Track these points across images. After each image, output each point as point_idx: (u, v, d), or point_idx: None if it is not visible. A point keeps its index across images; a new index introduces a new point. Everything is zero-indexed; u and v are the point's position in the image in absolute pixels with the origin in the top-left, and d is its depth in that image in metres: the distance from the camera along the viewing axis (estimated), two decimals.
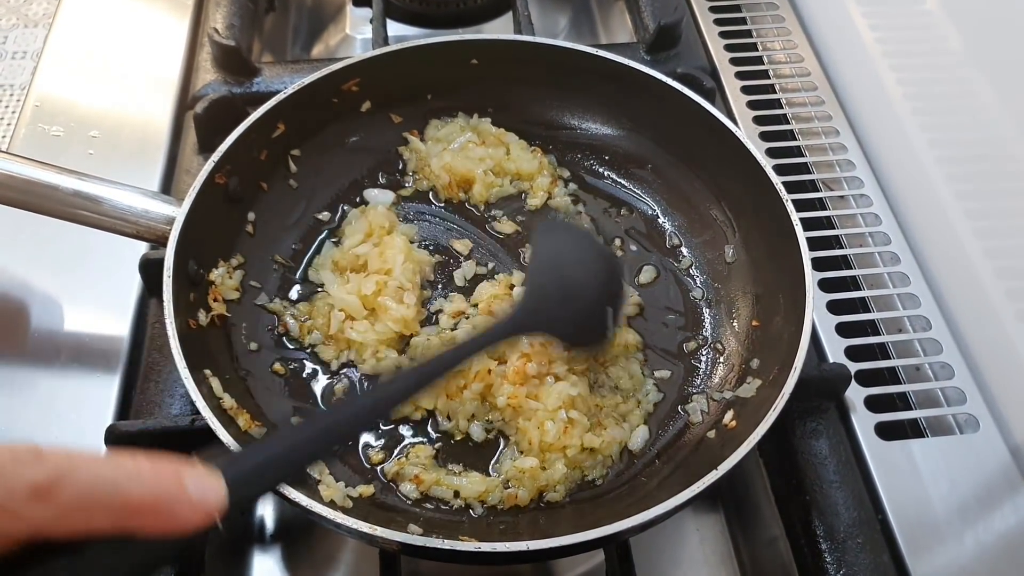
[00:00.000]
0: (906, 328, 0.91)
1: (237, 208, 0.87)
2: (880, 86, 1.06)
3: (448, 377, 0.72)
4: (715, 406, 0.82)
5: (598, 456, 0.78)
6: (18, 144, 1.01)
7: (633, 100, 0.96)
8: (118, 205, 0.79)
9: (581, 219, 0.96)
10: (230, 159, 0.83)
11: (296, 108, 0.88)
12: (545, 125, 1.00)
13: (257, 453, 0.59)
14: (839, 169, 1.05)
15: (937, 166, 0.96)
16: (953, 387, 0.86)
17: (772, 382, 0.76)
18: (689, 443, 0.80)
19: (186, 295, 0.77)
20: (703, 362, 0.86)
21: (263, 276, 0.87)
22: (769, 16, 1.21)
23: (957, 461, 0.81)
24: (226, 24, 1.11)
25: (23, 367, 0.85)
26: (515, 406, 0.78)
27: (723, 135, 0.88)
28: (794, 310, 0.77)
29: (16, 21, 2.87)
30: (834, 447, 0.81)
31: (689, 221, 0.95)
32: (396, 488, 0.77)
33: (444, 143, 0.98)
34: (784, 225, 0.82)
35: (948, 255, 0.94)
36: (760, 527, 0.87)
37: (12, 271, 0.91)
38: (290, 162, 0.92)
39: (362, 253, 0.88)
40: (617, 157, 0.99)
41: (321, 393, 0.82)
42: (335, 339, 0.84)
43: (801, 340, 0.73)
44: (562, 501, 0.76)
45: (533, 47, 0.95)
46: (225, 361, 0.79)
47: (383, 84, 0.94)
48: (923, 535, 0.76)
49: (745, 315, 0.87)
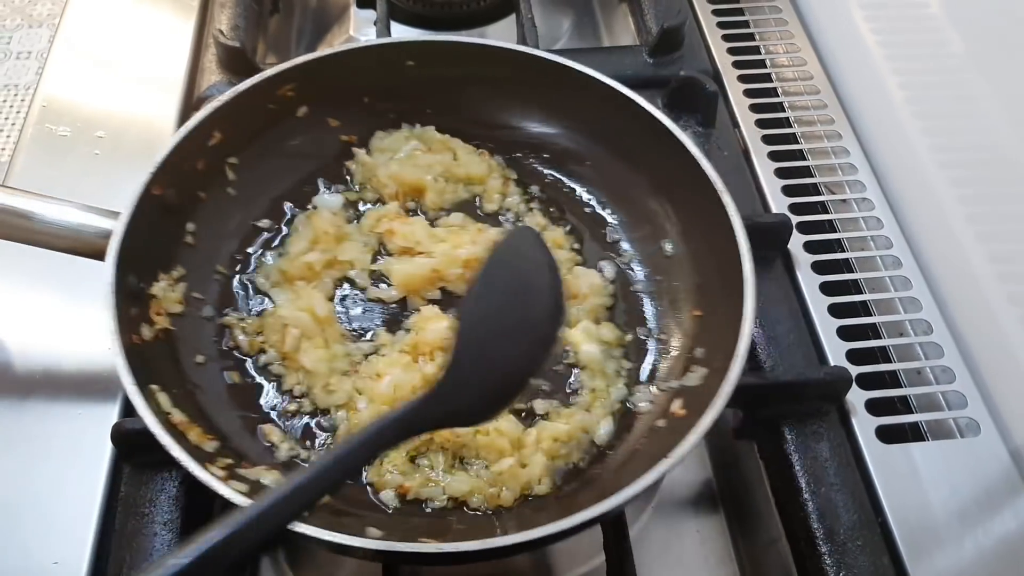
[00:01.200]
0: (907, 332, 0.91)
1: (175, 219, 0.85)
2: (883, 90, 1.06)
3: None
4: (662, 396, 0.82)
5: (571, 441, 0.78)
6: (25, 144, 1.01)
7: (566, 96, 0.95)
8: (50, 220, 0.77)
9: (533, 218, 0.96)
10: (167, 170, 0.81)
11: (232, 115, 0.87)
12: (485, 125, 1.00)
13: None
14: (841, 173, 1.05)
15: (939, 170, 0.97)
16: (954, 391, 0.86)
17: (717, 370, 0.76)
18: (638, 433, 0.80)
19: (128, 310, 0.75)
20: (648, 352, 0.87)
21: (206, 287, 0.86)
22: (772, 19, 1.22)
23: (958, 465, 0.81)
24: (231, 25, 1.12)
25: (24, 363, 0.85)
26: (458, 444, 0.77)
27: (653, 126, 0.88)
28: (734, 297, 0.77)
29: (20, 21, 2.88)
30: (835, 450, 0.81)
31: (629, 216, 0.95)
32: (372, 493, 0.76)
33: (390, 152, 0.98)
34: (719, 212, 0.81)
35: (949, 259, 0.94)
36: (760, 529, 0.87)
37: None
38: (228, 170, 0.90)
39: (311, 261, 0.87)
40: (556, 154, 0.99)
41: (270, 405, 0.81)
42: (289, 358, 0.82)
43: (743, 326, 0.73)
44: (551, 493, 0.76)
45: (464, 47, 0.95)
46: (172, 375, 0.77)
47: (318, 89, 0.93)
48: (923, 538, 0.77)
49: (687, 305, 0.87)
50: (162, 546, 0.73)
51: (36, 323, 0.88)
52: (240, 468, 0.72)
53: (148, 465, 0.77)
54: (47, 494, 0.77)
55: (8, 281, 0.91)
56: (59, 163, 1.00)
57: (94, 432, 0.80)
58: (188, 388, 0.78)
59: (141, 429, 0.75)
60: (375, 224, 0.93)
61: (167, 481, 0.76)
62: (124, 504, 0.76)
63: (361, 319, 0.88)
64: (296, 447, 0.78)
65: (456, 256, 0.88)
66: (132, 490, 0.76)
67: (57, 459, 0.79)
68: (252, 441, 0.78)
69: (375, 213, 0.95)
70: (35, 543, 0.74)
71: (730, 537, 0.90)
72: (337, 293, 0.89)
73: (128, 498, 0.76)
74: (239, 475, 0.71)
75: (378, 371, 0.81)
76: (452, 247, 0.89)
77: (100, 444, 0.79)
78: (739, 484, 0.92)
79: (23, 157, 1.01)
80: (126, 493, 0.76)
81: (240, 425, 0.79)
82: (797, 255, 0.96)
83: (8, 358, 0.85)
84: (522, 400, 0.82)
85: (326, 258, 0.89)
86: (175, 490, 0.76)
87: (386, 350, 0.84)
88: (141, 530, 0.74)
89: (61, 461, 0.79)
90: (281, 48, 1.30)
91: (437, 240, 0.91)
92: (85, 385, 0.83)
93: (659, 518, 0.90)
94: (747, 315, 0.74)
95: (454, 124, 1.00)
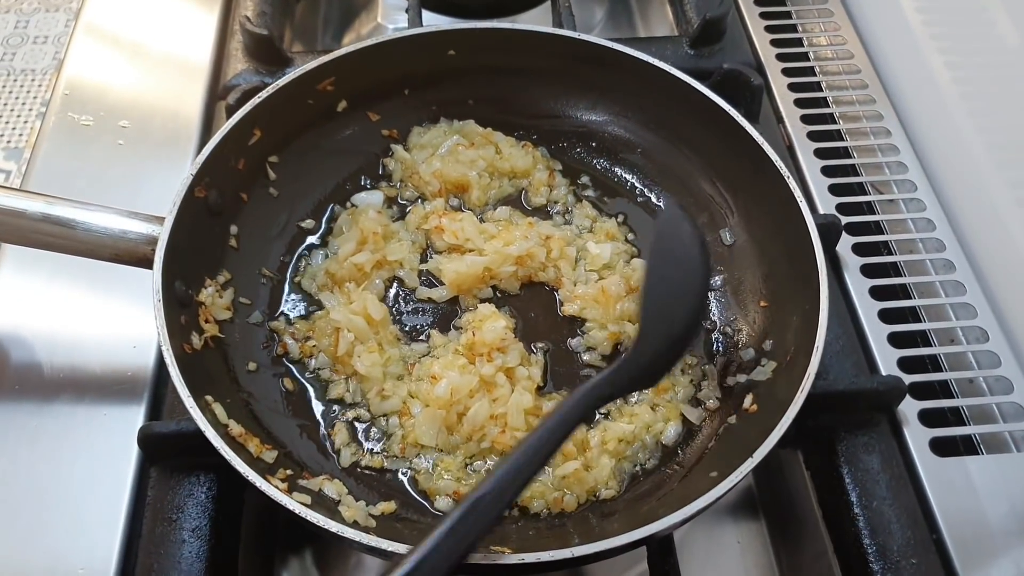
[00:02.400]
0: (959, 339, 0.88)
1: (219, 222, 0.83)
2: (934, 85, 1.01)
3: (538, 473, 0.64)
4: (730, 392, 0.80)
5: (636, 442, 0.77)
6: (47, 132, 0.99)
7: (616, 83, 0.93)
8: (92, 228, 0.74)
9: (583, 209, 0.93)
10: (209, 170, 0.79)
11: (272, 112, 0.85)
12: (528, 115, 0.97)
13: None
14: (889, 171, 1.01)
15: (995, 171, 0.93)
16: (1010, 402, 0.83)
17: (789, 364, 0.74)
18: (708, 432, 0.78)
19: (177, 318, 0.73)
20: (713, 348, 0.84)
21: (252, 292, 0.84)
22: (816, 10, 1.17)
23: (1016, 480, 0.78)
24: (257, 12, 1.08)
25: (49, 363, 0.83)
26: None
27: (713, 111, 0.86)
28: (805, 285, 0.74)
29: (38, 5, 2.86)
30: (886, 462, 0.78)
31: (685, 204, 0.92)
32: (430, 504, 0.74)
33: (430, 149, 0.95)
34: (784, 195, 0.79)
35: (1006, 263, 0.90)
36: (805, 541, 0.84)
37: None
38: (269, 169, 0.88)
39: (360, 262, 0.85)
40: (605, 143, 0.97)
41: (324, 412, 0.80)
42: (342, 362, 0.80)
43: (820, 317, 0.71)
44: (616, 497, 0.74)
45: (509, 34, 0.92)
46: (225, 384, 0.76)
47: (358, 82, 0.91)
48: (980, 557, 0.74)
49: (753, 297, 0.85)
50: (190, 554, 0.71)
51: (61, 322, 0.85)
52: (301, 479, 0.70)
53: (176, 469, 0.75)
54: (73, 497, 0.75)
55: (32, 279, 0.88)
56: (82, 153, 0.98)
57: (120, 433, 0.78)
58: (242, 397, 0.76)
59: (169, 432, 0.74)
60: (422, 221, 0.91)
61: (195, 486, 0.74)
62: (152, 509, 0.73)
63: (412, 319, 0.86)
64: (357, 453, 0.77)
65: (508, 254, 0.85)
66: (159, 495, 0.74)
67: (83, 461, 0.77)
68: (311, 449, 0.76)
69: (420, 210, 0.92)
70: (62, 548, 0.72)
71: (772, 548, 0.87)
72: (388, 294, 0.87)
73: (155, 503, 0.74)
74: (301, 486, 0.69)
75: (433, 374, 0.78)
76: (503, 244, 0.86)
77: (126, 446, 0.77)
78: (782, 494, 0.89)
79: (45, 145, 0.98)
80: (153, 498, 0.74)
81: (297, 434, 0.77)
82: (846, 257, 0.92)
83: (33, 357, 0.82)
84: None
85: (375, 259, 0.86)
86: (203, 496, 0.73)
87: (440, 351, 0.82)
88: (169, 536, 0.72)
89: (87, 463, 0.76)
90: (307, 35, 1.27)
91: (487, 237, 0.88)
92: (110, 386, 0.81)
93: (699, 527, 0.87)
94: (823, 304, 0.72)
95: (495, 115, 0.97)
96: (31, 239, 0.75)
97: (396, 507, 0.73)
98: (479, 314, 0.83)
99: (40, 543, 0.72)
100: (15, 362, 0.82)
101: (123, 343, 0.84)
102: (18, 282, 0.88)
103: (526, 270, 0.87)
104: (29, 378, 0.81)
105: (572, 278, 0.88)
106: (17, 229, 0.74)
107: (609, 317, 0.85)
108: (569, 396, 0.65)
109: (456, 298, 0.87)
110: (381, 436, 0.78)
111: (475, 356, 0.79)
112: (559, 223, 0.93)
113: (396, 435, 0.77)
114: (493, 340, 0.79)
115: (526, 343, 0.84)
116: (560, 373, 0.83)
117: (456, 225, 0.88)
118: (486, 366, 0.78)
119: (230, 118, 0.83)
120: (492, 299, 0.87)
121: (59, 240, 0.75)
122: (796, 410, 0.67)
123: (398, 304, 0.87)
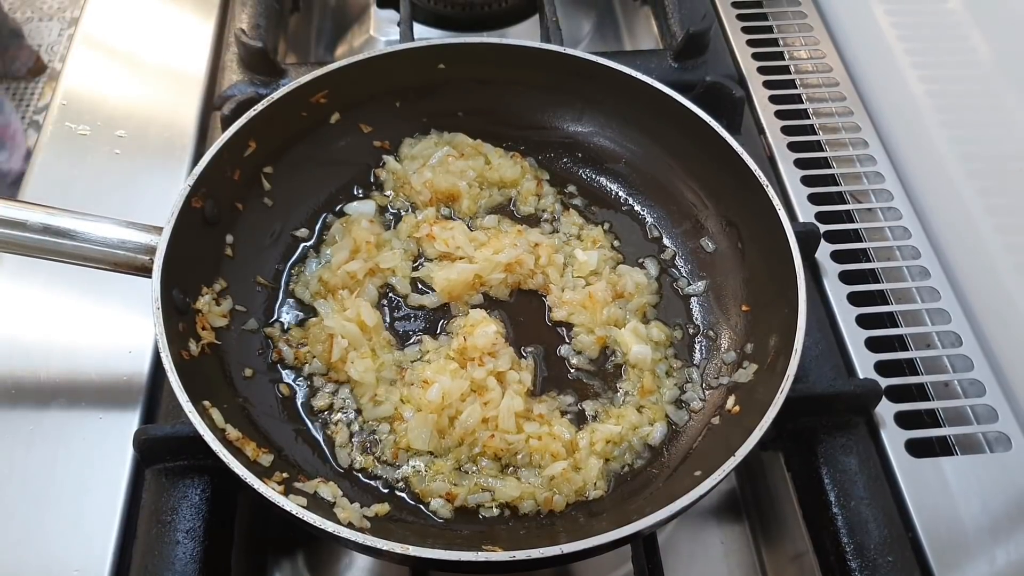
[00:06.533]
0: (935, 344, 0.90)
1: (215, 231, 0.85)
2: (909, 96, 1.05)
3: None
4: (714, 394, 0.83)
5: (623, 443, 0.79)
6: (45, 142, 1.00)
7: (602, 96, 0.96)
8: (92, 238, 0.76)
9: (570, 217, 0.95)
10: (205, 181, 0.81)
11: (266, 124, 0.87)
12: (516, 126, 1.00)
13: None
14: (867, 181, 1.04)
15: (968, 180, 0.96)
16: (984, 405, 0.86)
17: (770, 366, 0.76)
18: (692, 432, 0.80)
19: (175, 326, 0.75)
20: (696, 350, 0.87)
21: (248, 299, 0.86)
22: (796, 24, 1.20)
23: (988, 480, 0.80)
24: (252, 24, 1.10)
25: (45, 368, 0.84)
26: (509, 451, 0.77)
27: (695, 123, 0.88)
28: (785, 291, 0.77)
29: (31, 14, 2.87)
30: (864, 463, 0.80)
31: (668, 212, 0.96)
32: (424, 506, 0.76)
33: (421, 159, 0.97)
34: (764, 204, 0.81)
35: (979, 270, 0.93)
36: (786, 542, 0.86)
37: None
38: (263, 180, 0.90)
39: (353, 270, 0.87)
40: (590, 153, 1.00)
41: (320, 415, 0.81)
42: (335, 368, 0.82)
43: (799, 321, 0.73)
44: (604, 496, 0.76)
45: (499, 49, 0.95)
46: (222, 390, 0.77)
47: (351, 94, 0.93)
48: (954, 554, 0.76)
49: (735, 301, 0.87)
50: (184, 555, 0.72)
51: (57, 327, 0.87)
52: (297, 481, 0.72)
53: (170, 472, 0.76)
54: (69, 499, 0.76)
55: (28, 285, 0.90)
56: (79, 163, 0.99)
57: (116, 437, 0.79)
58: (239, 402, 0.78)
59: (164, 436, 0.75)
60: (414, 230, 0.93)
61: (189, 488, 0.75)
62: (146, 512, 0.75)
63: (404, 325, 0.88)
64: (352, 456, 0.78)
65: (497, 261, 0.88)
66: (154, 497, 0.75)
67: (79, 464, 0.78)
68: (306, 453, 0.78)
69: (412, 219, 0.94)
70: (57, 549, 0.73)
71: (754, 548, 0.89)
72: (380, 301, 0.89)
73: (150, 505, 0.75)
74: (297, 488, 0.71)
75: (425, 378, 0.80)
76: (493, 252, 0.88)
77: (121, 449, 0.78)
78: (764, 495, 0.91)
79: (42, 156, 1.00)
80: (148, 500, 0.75)
81: (293, 437, 0.79)
82: (825, 265, 0.95)
83: (30, 362, 0.84)
84: (572, 401, 0.83)
85: (368, 267, 0.88)
86: (197, 498, 0.75)
87: (431, 356, 0.84)
88: (163, 538, 0.73)
89: (82, 466, 0.78)
90: (301, 47, 1.29)
91: (477, 245, 0.90)
92: (105, 390, 0.82)
93: (684, 528, 0.90)
94: (802, 309, 0.74)
95: (485, 126, 0.99)
96: (31, 250, 0.77)
97: (390, 508, 0.74)
98: (470, 319, 0.85)
99: (36, 545, 0.73)
100: (11, 367, 0.83)
101: (118, 348, 0.85)
102: (14, 288, 0.89)
103: (515, 277, 0.89)
104: (25, 383, 0.82)
105: (560, 284, 0.90)
106: (17, 240, 0.76)
107: (596, 322, 0.87)
108: None
109: (447, 304, 0.89)
110: (375, 440, 0.80)
111: (466, 361, 0.81)
112: (547, 231, 0.95)
113: (389, 439, 0.79)
114: (484, 345, 0.81)
115: (516, 348, 0.86)
116: (550, 377, 0.85)
117: (447, 233, 0.90)
118: (477, 370, 0.80)
119: (226, 130, 0.85)
120: (483, 305, 0.89)
121: (60, 251, 0.76)
122: (776, 410, 0.69)
123: (391, 311, 0.89)
